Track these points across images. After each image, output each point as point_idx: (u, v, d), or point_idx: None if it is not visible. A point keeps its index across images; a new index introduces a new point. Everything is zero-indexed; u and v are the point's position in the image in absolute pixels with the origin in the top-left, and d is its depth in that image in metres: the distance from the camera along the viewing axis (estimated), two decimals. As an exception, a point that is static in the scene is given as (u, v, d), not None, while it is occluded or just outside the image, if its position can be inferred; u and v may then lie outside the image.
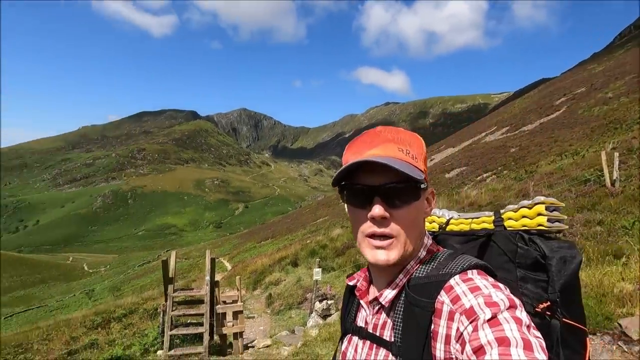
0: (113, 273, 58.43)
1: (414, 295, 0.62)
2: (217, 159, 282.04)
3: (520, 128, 38.11)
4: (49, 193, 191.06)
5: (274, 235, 39.60)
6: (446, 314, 0.58)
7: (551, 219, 0.75)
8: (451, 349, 0.56)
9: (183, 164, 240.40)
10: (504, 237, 0.76)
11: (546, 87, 67.17)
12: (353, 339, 0.75)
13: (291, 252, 14.67)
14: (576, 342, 0.69)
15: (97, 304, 24.37)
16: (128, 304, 14.58)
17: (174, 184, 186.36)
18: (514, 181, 14.33)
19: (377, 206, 0.63)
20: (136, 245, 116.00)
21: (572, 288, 0.69)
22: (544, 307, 0.66)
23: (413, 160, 0.66)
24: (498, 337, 0.50)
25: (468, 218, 0.88)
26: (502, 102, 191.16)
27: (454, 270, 0.62)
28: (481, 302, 0.55)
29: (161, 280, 17.99)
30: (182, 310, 5.82)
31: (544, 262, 0.69)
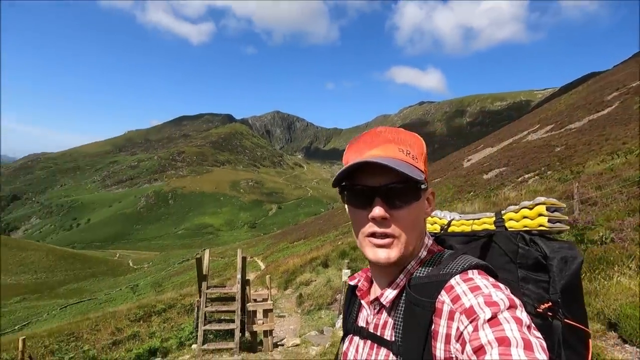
0: (155, 270, 61.58)
1: (415, 295, 0.63)
2: (251, 161, 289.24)
3: (567, 126, 35.75)
4: (98, 193, 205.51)
5: (306, 236, 39.94)
6: (446, 314, 0.58)
7: (552, 220, 0.75)
8: (451, 348, 0.56)
9: (219, 166, 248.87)
10: (505, 238, 0.76)
11: (596, 82, 62.53)
12: (354, 339, 0.75)
13: (322, 253, 14.74)
14: (578, 343, 0.68)
15: (140, 298, 25.81)
16: (167, 299, 15.30)
17: (211, 185, 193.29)
18: (558, 182, 13.50)
19: (378, 207, 0.64)
20: (176, 243, 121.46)
21: (573, 289, 0.69)
22: (545, 307, 0.66)
23: (413, 160, 0.67)
24: (498, 337, 0.50)
25: (469, 219, 0.88)
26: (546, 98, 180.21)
27: (454, 270, 0.62)
28: (481, 302, 0.55)
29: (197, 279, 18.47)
30: (215, 307, 6.04)
31: (545, 262, 0.69)
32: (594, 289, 3.77)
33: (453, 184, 28.90)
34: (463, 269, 0.62)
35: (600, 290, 3.72)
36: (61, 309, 34.10)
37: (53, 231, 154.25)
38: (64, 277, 57.44)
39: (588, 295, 3.64)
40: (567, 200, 8.86)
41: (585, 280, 4.09)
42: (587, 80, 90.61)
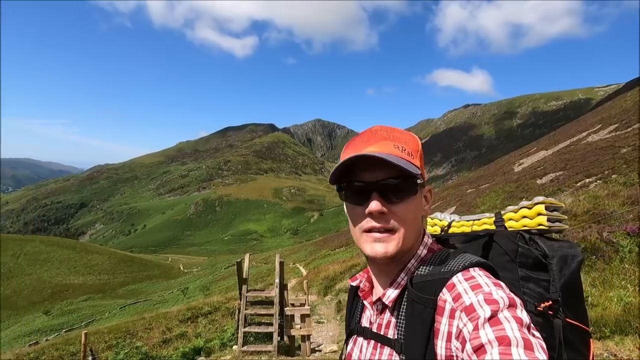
0: (204, 274, 64.27)
1: (417, 293, 0.63)
2: (293, 169, 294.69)
3: (634, 125, 32.38)
4: (153, 201, 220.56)
5: (347, 244, 39.63)
6: (448, 312, 0.59)
7: (551, 219, 0.75)
8: (452, 346, 0.57)
9: (263, 174, 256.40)
10: (505, 237, 0.76)
11: (669, 75, 55.99)
12: (358, 340, 0.75)
13: (362, 260, 14.57)
14: (579, 342, 0.69)
15: (189, 300, 27.11)
16: (213, 302, 15.93)
17: (255, 193, 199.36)
18: (623, 187, 12.24)
19: (375, 202, 0.64)
20: (223, 249, 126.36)
21: (573, 287, 0.69)
22: (546, 306, 0.67)
23: (409, 157, 0.67)
24: (499, 337, 0.50)
25: (469, 220, 0.88)
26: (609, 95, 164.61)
27: (456, 268, 0.62)
28: (481, 300, 0.55)
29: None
30: (255, 310, 6.21)
31: (545, 261, 0.69)
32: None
33: (503, 189, 27.26)
34: (464, 267, 0.62)
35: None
36: (121, 309, 36.81)
37: (114, 236, 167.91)
38: (124, 279, 61.86)
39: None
40: (632, 205, 8.01)
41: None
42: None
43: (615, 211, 8.02)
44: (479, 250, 0.80)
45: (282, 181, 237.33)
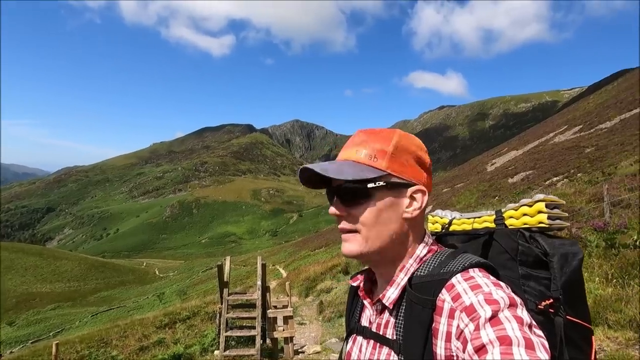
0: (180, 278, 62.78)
1: (416, 294, 0.63)
2: (272, 170, 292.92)
3: (597, 126, 34.27)
4: (126, 204, 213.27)
5: (327, 244, 39.80)
6: (447, 312, 0.59)
7: (552, 217, 0.74)
8: (452, 346, 0.57)
9: (241, 175, 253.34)
10: (505, 235, 0.76)
11: (627, 79, 59.75)
12: (357, 339, 0.76)
13: (343, 260, 14.67)
14: (581, 340, 0.69)
15: (166, 306, 26.40)
16: (192, 306, 15.58)
17: (232, 194, 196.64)
18: (588, 185, 12.94)
19: (332, 206, 0.70)
20: (200, 252, 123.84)
21: (575, 285, 0.69)
22: (547, 304, 0.66)
23: (370, 160, 0.67)
24: (500, 337, 0.50)
25: (470, 218, 0.88)
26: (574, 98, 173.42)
27: (455, 269, 0.62)
28: (481, 300, 0.55)
29: (220, 285, 18.52)
30: (236, 313, 6.12)
31: (546, 259, 0.69)
32: (627, 295, 3.59)
33: (477, 188, 28.17)
34: (464, 267, 0.62)
35: (633, 296, 3.54)
36: (92, 317, 35.35)
37: (85, 241, 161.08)
38: (95, 285, 59.54)
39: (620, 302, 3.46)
40: (597, 203, 8.47)
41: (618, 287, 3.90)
42: (617, 79, 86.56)
43: (583, 208, 8.46)
44: (479, 249, 0.79)
45: (261, 182, 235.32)
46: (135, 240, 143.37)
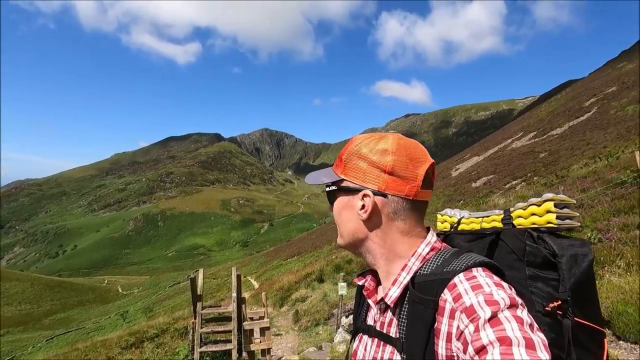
0: (146, 294, 59.93)
1: (418, 294, 0.64)
2: (241, 179, 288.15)
3: (549, 132, 36.78)
4: (85, 218, 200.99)
5: (299, 252, 39.55)
6: (448, 312, 0.59)
7: (561, 217, 0.73)
8: (452, 346, 0.57)
9: (209, 185, 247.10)
10: (513, 235, 0.75)
11: (574, 89, 64.77)
12: (363, 338, 0.77)
13: (317, 268, 14.62)
14: (591, 342, 0.67)
15: (131, 324, 25.01)
16: (160, 323, 14.89)
17: (201, 205, 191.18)
18: (544, 187, 13.80)
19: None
20: (167, 266, 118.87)
21: (584, 287, 0.67)
22: (554, 306, 0.65)
23: (334, 166, 0.77)
24: (499, 337, 0.50)
25: (479, 217, 0.87)
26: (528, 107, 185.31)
27: (458, 268, 0.62)
28: (481, 300, 0.55)
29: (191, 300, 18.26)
30: (211, 328, 5.92)
31: (554, 260, 0.68)
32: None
33: (443, 193, 29.21)
34: (467, 266, 0.62)
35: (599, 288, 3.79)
36: (47, 341, 32.74)
37: (38, 260, 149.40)
38: (50, 307, 55.38)
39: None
40: (554, 204, 9.05)
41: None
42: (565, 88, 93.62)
43: (541, 209, 9.02)
44: (484, 249, 0.79)
45: (230, 192, 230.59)
46: (95, 257, 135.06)
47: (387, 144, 0.71)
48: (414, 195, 0.69)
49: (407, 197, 0.69)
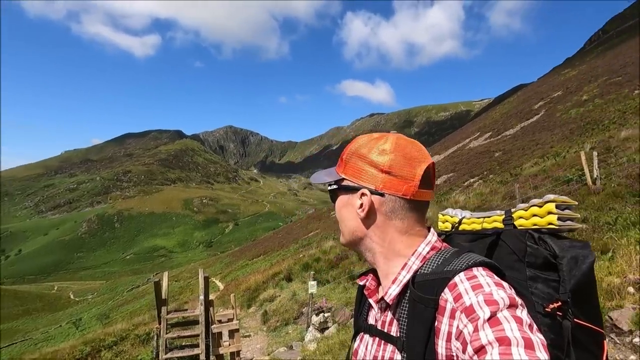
0: (101, 300, 56.61)
1: (418, 293, 0.64)
2: (204, 178, 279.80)
3: (503, 133, 39.07)
4: (31, 221, 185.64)
5: (265, 252, 39.09)
6: (448, 312, 0.59)
7: (562, 218, 0.73)
8: (452, 346, 0.57)
9: (170, 184, 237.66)
10: (514, 236, 0.75)
11: (524, 93, 69.31)
12: (364, 337, 0.77)
13: (284, 267, 14.53)
14: (591, 343, 0.68)
15: (85, 333, 23.49)
16: (118, 330, 14.13)
17: (161, 205, 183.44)
18: (500, 184, 14.62)
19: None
20: (125, 269, 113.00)
21: (585, 288, 0.67)
22: (554, 307, 0.66)
23: (337, 167, 0.78)
24: (498, 337, 0.50)
25: (480, 217, 0.87)
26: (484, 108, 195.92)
27: (458, 268, 0.62)
28: (481, 300, 0.55)
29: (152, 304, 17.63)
30: (177, 333, 5.69)
31: (555, 261, 0.68)
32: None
33: (406, 191, 30.01)
34: (468, 266, 0.62)
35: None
36: (-12, 355, 29.97)
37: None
38: (-9, 318, 50.73)
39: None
40: (510, 200, 9.64)
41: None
42: (517, 92, 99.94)
43: (499, 205, 9.57)
44: (485, 249, 0.79)
45: (193, 191, 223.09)
46: (43, 262, 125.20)
47: (386, 144, 0.72)
48: (411, 195, 0.69)
49: (404, 196, 0.69)
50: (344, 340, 5.43)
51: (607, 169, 8.71)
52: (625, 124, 16.21)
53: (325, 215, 52.66)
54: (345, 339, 5.46)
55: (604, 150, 11.11)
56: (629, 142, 11.32)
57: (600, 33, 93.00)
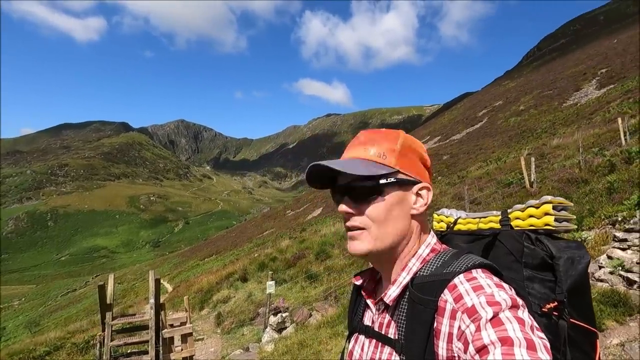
0: (30, 306, 51.39)
1: (418, 294, 0.64)
2: (152, 174, 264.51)
3: (450, 137, 41.50)
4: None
5: (218, 251, 37.94)
6: (449, 313, 0.59)
7: (559, 219, 0.74)
8: (453, 347, 0.57)
9: (114, 180, 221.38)
10: (511, 237, 0.76)
11: (470, 100, 74.23)
12: (360, 338, 0.76)
13: (239, 267, 14.18)
14: (585, 343, 0.69)
15: (9, 343, 21.13)
16: (52, 339, 12.87)
17: (103, 202, 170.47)
18: (448, 186, 15.49)
19: (342, 204, 0.70)
20: (59, 272, 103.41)
21: (580, 288, 0.69)
22: (551, 307, 0.66)
23: (379, 158, 0.69)
24: (501, 337, 0.50)
25: (475, 217, 0.88)
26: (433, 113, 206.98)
27: (458, 269, 0.62)
28: (483, 301, 0.55)
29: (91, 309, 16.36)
30: (123, 340, 5.30)
31: (551, 261, 0.69)
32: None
33: (361, 190, 30.74)
34: (467, 268, 0.62)
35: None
36: None
37: None
38: None
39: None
40: (459, 201, 10.24)
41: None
42: (463, 99, 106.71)
43: (449, 206, 10.13)
44: (483, 250, 0.80)
45: (139, 188, 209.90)
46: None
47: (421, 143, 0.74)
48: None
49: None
50: (303, 340, 5.41)
51: (542, 173, 9.59)
52: (556, 133, 17.98)
53: (281, 214, 52.31)
54: (304, 339, 5.44)
55: (539, 156, 12.22)
56: (559, 149, 12.57)
57: (535, 50, 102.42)
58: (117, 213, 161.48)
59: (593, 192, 6.55)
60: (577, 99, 28.05)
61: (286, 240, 17.44)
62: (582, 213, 5.69)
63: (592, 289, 3.78)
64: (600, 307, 3.25)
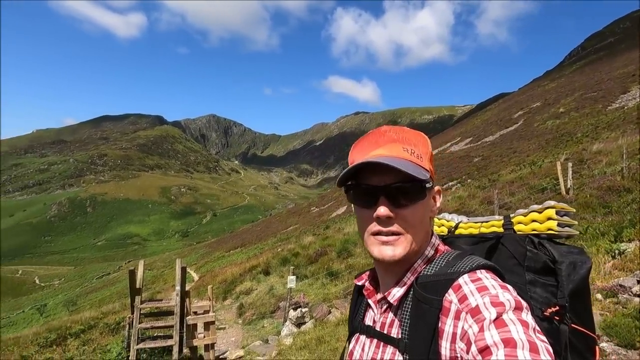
0: (69, 286, 54.77)
1: (423, 293, 0.63)
2: (184, 166, 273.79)
3: (482, 139, 40.07)
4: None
5: (243, 244, 38.79)
6: (453, 313, 0.58)
7: (561, 224, 0.75)
8: (456, 347, 0.57)
9: (148, 171, 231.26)
10: (513, 240, 0.76)
11: (505, 101, 71.23)
12: (360, 338, 0.76)
13: (262, 261, 14.45)
14: (585, 348, 0.68)
15: (49, 320, 22.65)
16: (86, 318, 13.72)
17: (137, 192, 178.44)
18: (478, 189, 14.99)
19: (382, 207, 0.65)
20: (95, 256, 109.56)
21: (581, 294, 0.69)
22: (552, 311, 0.66)
23: (418, 159, 0.68)
24: (504, 339, 0.50)
25: (477, 222, 0.88)
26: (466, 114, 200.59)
27: (462, 269, 0.62)
28: (487, 302, 0.55)
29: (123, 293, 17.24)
30: (150, 323, 5.56)
31: (554, 266, 0.69)
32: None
33: (387, 190, 30.38)
34: (471, 268, 0.62)
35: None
36: (-58, 340, 28.45)
37: None
38: (-54, 301, 48.17)
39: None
40: (488, 205, 9.90)
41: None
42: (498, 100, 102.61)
43: (477, 210, 9.82)
44: (485, 253, 0.80)
45: (171, 179, 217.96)
46: (8, 244, 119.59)
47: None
48: None
49: None
50: (321, 336, 5.45)
51: (580, 179, 9.08)
52: (598, 138, 16.93)
53: (305, 211, 52.67)
54: (322, 335, 5.48)
55: (577, 161, 11.57)
56: (600, 155, 11.84)
57: (579, 49, 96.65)
58: (150, 202, 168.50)
59: (635, 202, 6.13)
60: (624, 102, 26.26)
61: (309, 236, 17.56)
62: (622, 223, 5.35)
63: (629, 304, 3.57)
64: (636, 324, 3.05)
